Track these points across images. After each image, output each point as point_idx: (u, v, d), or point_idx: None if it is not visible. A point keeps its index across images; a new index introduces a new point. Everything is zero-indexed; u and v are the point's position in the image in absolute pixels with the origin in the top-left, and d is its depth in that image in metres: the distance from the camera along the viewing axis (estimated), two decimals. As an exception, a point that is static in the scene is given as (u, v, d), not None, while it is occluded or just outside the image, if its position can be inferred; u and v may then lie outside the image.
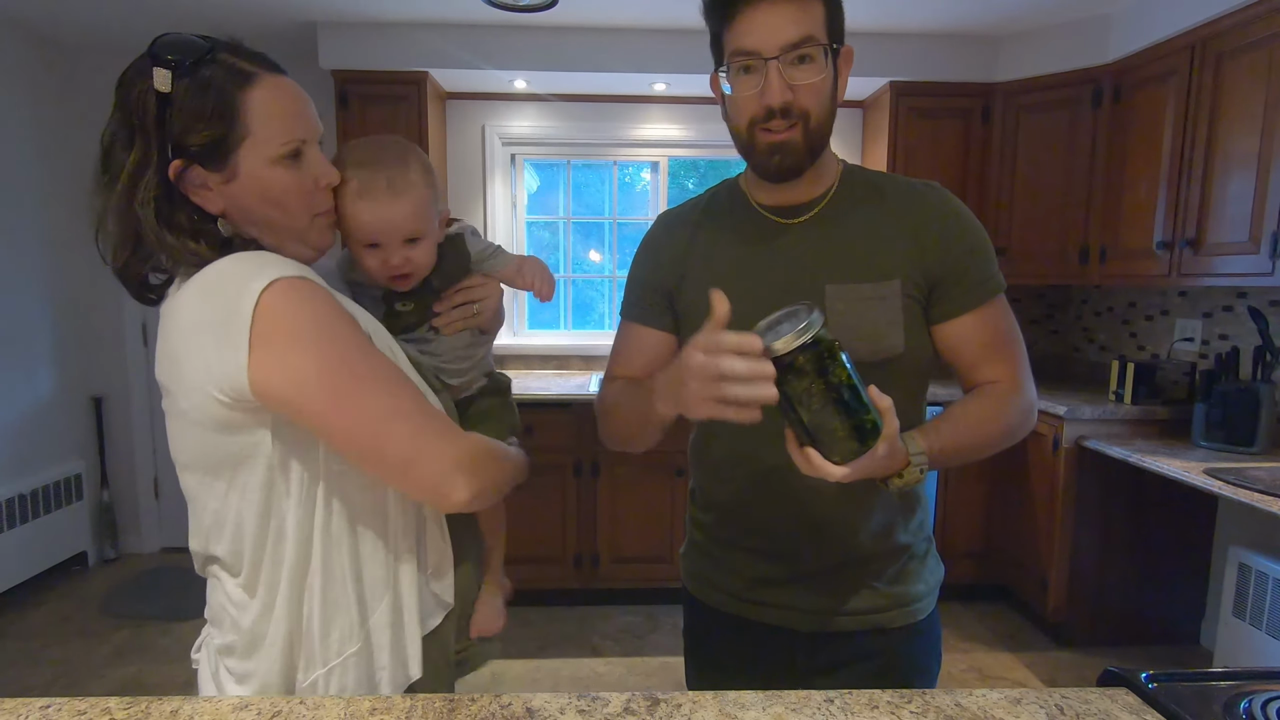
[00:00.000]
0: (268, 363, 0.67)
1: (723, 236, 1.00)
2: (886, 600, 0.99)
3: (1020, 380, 0.97)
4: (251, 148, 0.73)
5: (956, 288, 0.95)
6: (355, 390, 0.70)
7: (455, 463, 0.74)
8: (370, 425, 0.71)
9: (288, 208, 0.76)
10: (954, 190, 1.02)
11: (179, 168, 0.71)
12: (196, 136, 0.71)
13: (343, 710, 0.71)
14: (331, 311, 0.71)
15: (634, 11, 2.75)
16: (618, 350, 1.08)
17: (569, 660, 2.57)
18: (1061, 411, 2.51)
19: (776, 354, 0.67)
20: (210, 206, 0.74)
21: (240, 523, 0.76)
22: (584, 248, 3.64)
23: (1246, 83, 2.16)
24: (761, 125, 0.88)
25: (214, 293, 0.69)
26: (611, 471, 2.83)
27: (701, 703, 0.73)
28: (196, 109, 0.70)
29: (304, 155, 0.77)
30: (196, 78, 0.71)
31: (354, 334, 0.72)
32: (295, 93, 0.77)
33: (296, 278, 0.70)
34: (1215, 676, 0.78)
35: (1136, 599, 2.62)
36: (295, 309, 0.69)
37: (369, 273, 0.90)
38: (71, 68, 3.21)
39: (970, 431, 0.92)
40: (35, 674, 2.44)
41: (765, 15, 0.84)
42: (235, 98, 0.72)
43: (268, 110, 0.73)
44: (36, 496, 3.02)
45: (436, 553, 0.88)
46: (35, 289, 3.07)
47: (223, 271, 0.70)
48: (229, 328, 0.67)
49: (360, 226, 0.85)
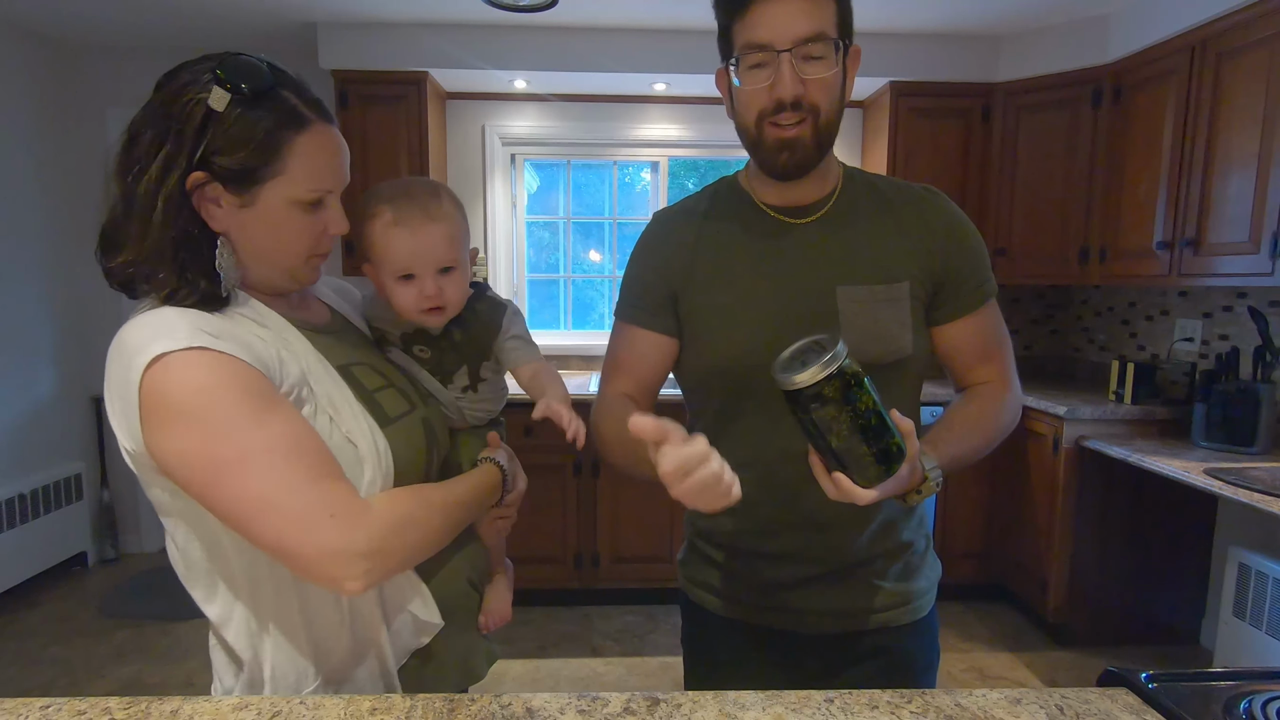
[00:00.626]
0: (152, 440, 0.68)
1: (731, 236, 0.99)
2: (892, 598, 1.00)
3: (1010, 379, 1.01)
4: (280, 185, 0.74)
5: (958, 291, 0.97)
6: (223, 477, 0.67)
7: (337, 553, 0.69)
8: (241, 512, 0.68)
9: (290, 246, 0.78)
10: (954, 190, 1.03)
11: (200, 179, 0.72)
12: (231, 160, 0.72)
13: (342, 710, 0.71)
14: (218, 383, 0.68)
15: (634, 11, 2.75)
16: (615, 354, 1.04)
17: (569, 660, 2.57)
18: (1061, 411, 2.51)
19: (804, 385, 0.69)
20: (215, 224, 0.74)
21: (190, 564, 0.77)
22: (584, 248, 3.64)
23: (1246, 83, 2.16)
24: (770, 119, 0.88)
25: (115, 359, 0.70)
26: (612, 471, 2.83)
27: (701, 703, 0.73)
28: (242, 136, 0.71)
29: (325, 202, 0.79)
30: (252, 108, 0.72)
31: (239, 409, 0.68)
32: (337, 145, 0.79)
33: (184, 350, 0.67)
34: (1215, 676, 0.78)
35: (1136, 599, 2.62)
36: (174, 388, 0.67)
37: (402, 310, 0.90)
38: (71, 68, 3.21)
39: (972, 437, 0.95)
40: (35, 674, 2.43)
41: (779, 8, 0.84)
42: (283, 137, 0.73)
43: (308, 157, 0.75)
44: (36, 496, 3.02)
45: (397, 587, 0.84)
46: (35, 289, 3.08)
47: (123, 340, 0.70)
48: (125, 400, 0.68)
49: (397, 255, 0.86)
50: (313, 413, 0.76)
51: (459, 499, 0.85)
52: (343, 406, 0.78)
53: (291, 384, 0.75)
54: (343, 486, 0.72)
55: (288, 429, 0.71)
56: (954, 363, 1.01)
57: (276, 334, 0.77)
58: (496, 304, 0.99)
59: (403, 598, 0.84)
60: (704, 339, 0.97)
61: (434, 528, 0.80)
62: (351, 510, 0.71)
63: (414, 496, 0.79)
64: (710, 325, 0.97)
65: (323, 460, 0.72)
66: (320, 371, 0.79)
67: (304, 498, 0.69)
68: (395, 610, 0.84)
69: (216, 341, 0.69)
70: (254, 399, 0.70)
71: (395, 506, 0.75)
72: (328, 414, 0.77)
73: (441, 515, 0.81)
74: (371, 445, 0.78)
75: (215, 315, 0.73)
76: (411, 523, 0.76)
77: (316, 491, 0.70)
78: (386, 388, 0.86)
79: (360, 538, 0.70)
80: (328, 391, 0.78)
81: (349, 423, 0.78)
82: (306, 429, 0.73)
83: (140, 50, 3.21)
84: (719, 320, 0.96)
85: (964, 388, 1.04)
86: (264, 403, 0.70)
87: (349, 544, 0.69)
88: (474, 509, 0.89)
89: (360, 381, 0.83)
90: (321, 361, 0.80)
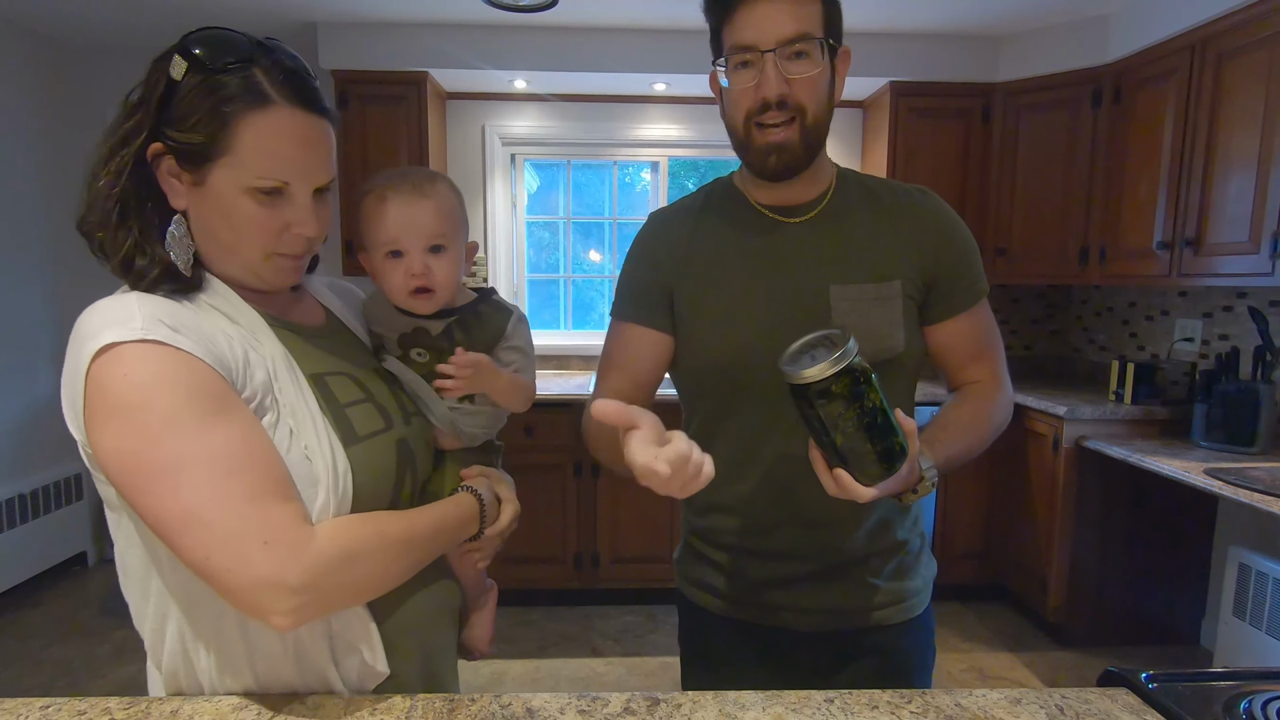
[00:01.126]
0: (93, 437, 0.64)
1: (725, 235, 1.00)
2: (886, 597, 1.00)
3: (1001, 377, 1.03)
4: (227, 167, 0.70)
5: (951, 290, 0.98)
6: (154, 484, 0.63)
7: (266, 584, 0.63)
8: (168, 524, 0.63)
9: (243, 237, 0.73)
10: (954, 190, 1.04)
11: (157, 150, 0.70)
12: (178, 132, 0.69)
13: (342, 710, 0.71)
14: (164, 381, 0.63)
15: (634, 11, 2.75)
16: (611, 352, 1.05)
17: (569, 660, 2.57)
18: (1061, 411, 2.51)
19: (813, 380, 0.68)
20: (174, 200, 0.72)
21: (127, 571, 0.73)
22: (584, 248, 3.65)
23: (1246, 83, 2.16)
24: (758, 119, 0.89)
25: (71, 342, 0.67)
26: (611, 472, 2.82)
27: (701, 703, 0.73)
28: (191, 108, 0.69)
29: (285, 196, 0.73)
30: (208, 80, 0.68)
31: (183, 411, 0.63)
32: (302, 134, 0.72)
33: (135, 341, 0.64)
34: (1215, 676, 0.78)
35: (1136, 599, 2.62)
36: (117, 382, 0.63)
37: (391, 292, 0.88)
38: (71, 68, 3.21)
39: (967, 437, 0.96)
40: (35, 674, 2.43)
41: (763, 10, 0.85)
42: (231, 115, 0.68)
43: (259, 140, 0.70)
44: (36, 496, 3.02)
45: (345, 624, 0.75)
46: (35, 289, 3.08)
47: (80, 324, 0.67)
48: (73, 387, 0.65)
49: (385, 227, 0.84)
50: (273, 422, 0.70)
51: (422, 532, 0.77)
52: (304, 419, 0.72)
53: (254, 389, 0.70)
54: (286, 509, 0.66)
55: (235, 438, 0.65)
56: (946, 362, 1.02)
57: (247, 332, 0.73)
58: (502, 308, 0.96)
59: (353, 636, 0.75)
60: (698, 337, 0.98)
61: (387, 564, 0.73)
62: (290, 538, 0.64)
63: (366, 526, 0.72)
64: (704, 323, 0.98)
65: (271, 477, 0.66)
66: (286, 378, 0.73)
67: (238, 518, 0.63)
68: (345, 649, 0.75)
69: (173, 336, 0.65)
70: (203, 401, 0.65)
71: (341, 537, 0.68)
72: (289, 425, 0.71)
73: (399, 549, 0.74)
74: (329, 464, 0.71)
75: (182, 304, 0.69)
76: (359, 557, 0.69)
77: (254, 512, 0.64)
78: (362, 402, 0.80)
79: (293, 570, 0.63)
80: (290, 401, 0.72)
81: (308, 437, 0.71)
82: (259, 441, 0.67)
83: (140, 50, 3.18)
84: (712, 318, 0.97)
85: (956, 387, 1.05)
86: (213, 406, 0.65)
87: (279, 575, 0.63)
88: (441, 544, 0.81)
89: (333, 393, 0.77)
90: (291, 367, 0.74)
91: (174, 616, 0.72)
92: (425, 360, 0.90)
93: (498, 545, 0.92)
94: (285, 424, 0.71)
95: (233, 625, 0.71)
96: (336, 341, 0.85)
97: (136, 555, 0.72)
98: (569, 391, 2.80)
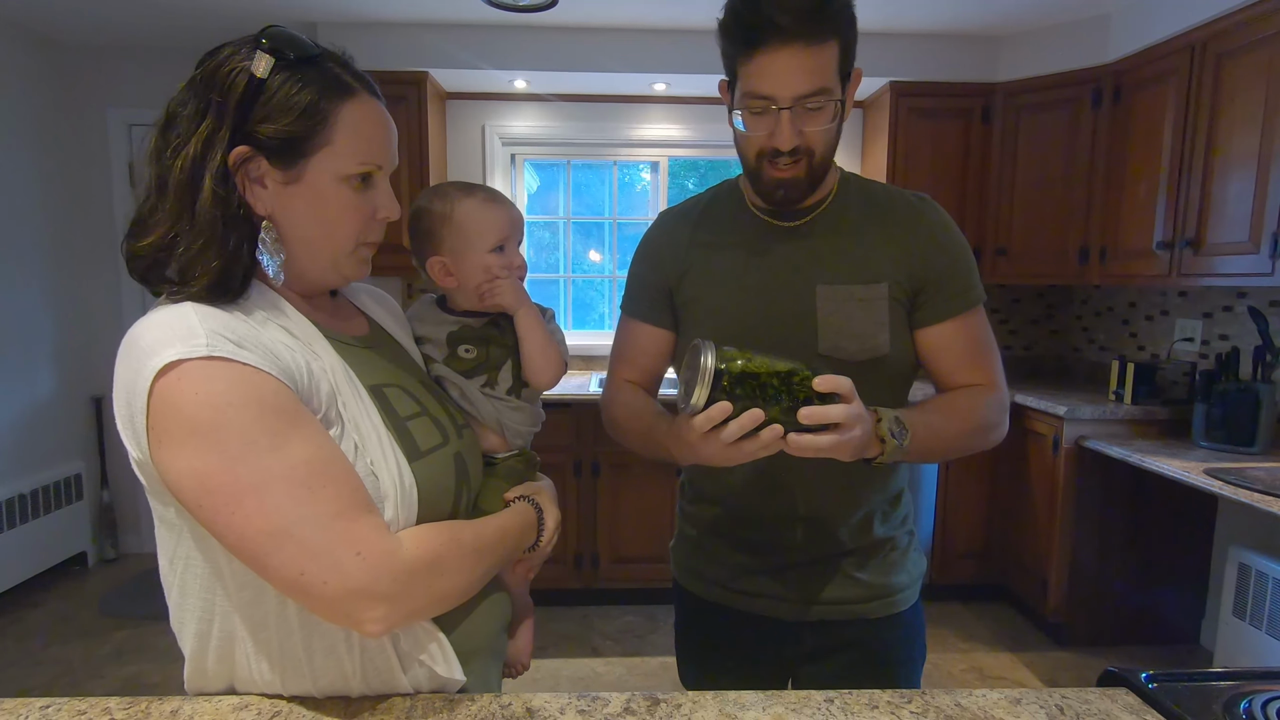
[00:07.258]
0: (160, 456, 0.62)
1: (721, 237, 1.04)
2: (868, 591, 1.03)
3: (995, 383, 1.02)
4: (326, 158, 0.70)
5: (939, 295, 0.99)
6: (239, 505, 0.61)
7: (358, 590, 0.63)
8: (256, 544, 0.62)
9: (338, 228, 0.73)
10: (954, 191, 1.05)
11: (243, 154, 0.68)
12: (276, 128, 0.67)
13: (343, 710, 0.71)
14: (237, 399, 0.62)
15: (634, 11, 2.75)
16: (621, 347, 1.12)
17: (569, 660, 2.57)
18: (1061, 411, 2.51)
19: (701, 406, 0.75)
20: (259, 206, 0.70)
21: (185, 591, 0.71)
22: (584, 248, 3.65)
23: (1246, 83, 2.16)
24: (769, 159, 0.92)
25: (125, 357, 0.64)
26: (611, 471, 2.83)
27: (701, 703, 0.73)
28: (287, 103, 0.68)
29: (373, 182, 0.74)
30: (297, 73, 0.69)
31: (258, 428, 0.62)
32: (386, 119, 0.75)
33: (202, 359, 0.61)
34: (1215, 676, 0.78)
35: (1136, 599, 2.62)
36: (188, 401, 0.61)
37: (478, 284, 0.92)
38: (71, 68, 3.21)
39: (950, 419, 0.97)
40: (35, 674, 2.43)
41: (784, 62, 0.85)
42: (329, 103, 0.69)
43: (356, 127, 0.71)
44: (36, 496, 3.02)
45: (412, 636, 0.75)
46: (35, 289, 3.07)
47: (135, 338, 0.64)
48: (132, 405, 0.63)
49: (499, 225, 0.92)
50: (338, 436, 0.69)
51: (490, 541, 0.78)
52: (369, 434, 0.71)
53: (320, 401, 0.69)
54: (371, 520, 0.66)
55: (312, 452, 0.64)
56: (936, 367, 1.03)
57: (305, 344, 0.71)
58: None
59: (417, 647, 0.75)
60: (693, 334, 1.00)
61: (466, 572, 0.73)
62: (380, 549, 0.65)
63: (444, 535, 0.72)
64: (699, 321, 1.02)
65: (350, 487, 0.66)
66: (349, 391, 0.72)
67: (328, 531, 0.63)
68: (410, 661, 0.75)
69: (239, 351, 0.63)
70: (276, 417, 0.63)
71: (425, 545, 0.69)
72: (353, 440, 0.70)
73: (474, 558, 0.74)
74: (396, 481, 0.70)
75: (239, 317, 0.67)
76: (444, 565, 0.70)
77: (342, 524, 0.64)
78: (420, 415, 0.79)
79: (386, 579, 0.64)
80: (354, 415, 0.71)
81: (374, 453, 0.70)
82: (333, 452, 0.67)
83: (140, 50, 3.20)
84: (706, 316, 1.01)
85: None
86: (287, 421, 0.64)
87: (373, 585, 0.63)
88: (505, 553, 0.81)
89: (393, 406, 0.76)
90: (351, 380, 0.73)
91: (240, 636, 0.71)
92: (472, 356, 0.93)
93: (547, 556, 0.93)
94: (350, 438, 0.70)
95: (299, 643, 0.71)
96: (385, 352, 0.84)
97: (197, 573, 0.70)
98: (569, 391, 2.80)
